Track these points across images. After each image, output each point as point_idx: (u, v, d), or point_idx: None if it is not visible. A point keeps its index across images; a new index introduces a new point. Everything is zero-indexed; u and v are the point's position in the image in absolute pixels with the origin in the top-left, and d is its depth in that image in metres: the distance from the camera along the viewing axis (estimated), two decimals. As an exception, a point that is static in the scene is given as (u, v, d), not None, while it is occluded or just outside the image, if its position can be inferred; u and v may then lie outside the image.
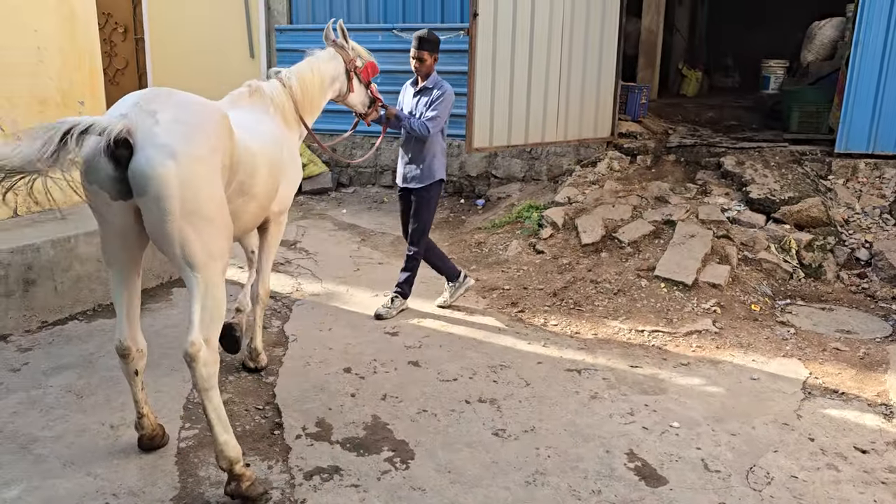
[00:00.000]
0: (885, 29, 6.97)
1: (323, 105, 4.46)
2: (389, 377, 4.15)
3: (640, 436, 3.60)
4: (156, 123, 2.80)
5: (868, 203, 6.76)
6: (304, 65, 4.27)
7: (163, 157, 2.75)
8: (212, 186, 2.93)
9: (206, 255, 2.94)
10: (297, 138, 4.18)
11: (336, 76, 4.47)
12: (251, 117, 3.67)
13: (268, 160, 3.57)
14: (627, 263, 5.77)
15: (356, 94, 4.62)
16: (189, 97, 3.05)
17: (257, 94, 3.91)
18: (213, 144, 2.96)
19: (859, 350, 4.71)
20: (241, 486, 2.99)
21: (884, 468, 3.39)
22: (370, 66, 4.67)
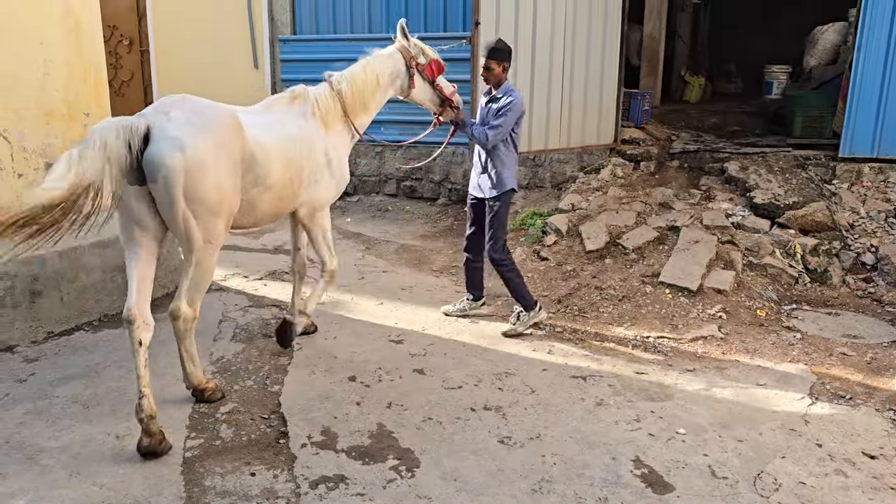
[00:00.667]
0: (887, 33, 6.97)
1: (381, 102, 4.62)
2: (394, 385, 4.14)
3: (646, 442, 3.59)
4: (168, 121, 3.33)
5: (873, 207, 6.74)
6: (358, 65, 4.52)
7: (172, 149, 3.26)
8: (215, 178, 3.41)
9: (204, 238, 3.48)
10: (342, 140, 4.42)
11: (396, 73, 4.60)
12: (276, 119, 4.07)
13: (284, 156, 3.94)
14: (632, 270, 5.76)
15: (418, 91, 4.69)
16: (200, 101, 3.57)
17: (299, 98, 4.27)
18: (219, 141, 3.44)
19: (866, 355, 4.69)
20: (204, 394, 3.88)
21: (893, 474, 3.37)
22: (434, 64, 4.68)
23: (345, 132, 4.45)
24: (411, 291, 5.79)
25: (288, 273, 6.15)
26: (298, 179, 4.11)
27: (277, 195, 3.98)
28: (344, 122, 4.41)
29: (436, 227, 7.74)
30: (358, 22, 9.08)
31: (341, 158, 4.42)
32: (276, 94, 4.36)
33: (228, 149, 3.51)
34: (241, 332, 4.86)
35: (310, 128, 4.23)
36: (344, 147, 4.46)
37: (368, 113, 4.57)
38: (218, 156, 3.44)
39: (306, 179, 4.18)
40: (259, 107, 4.20)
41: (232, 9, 9.71)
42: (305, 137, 4.17)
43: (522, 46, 7.22)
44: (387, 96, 4.67)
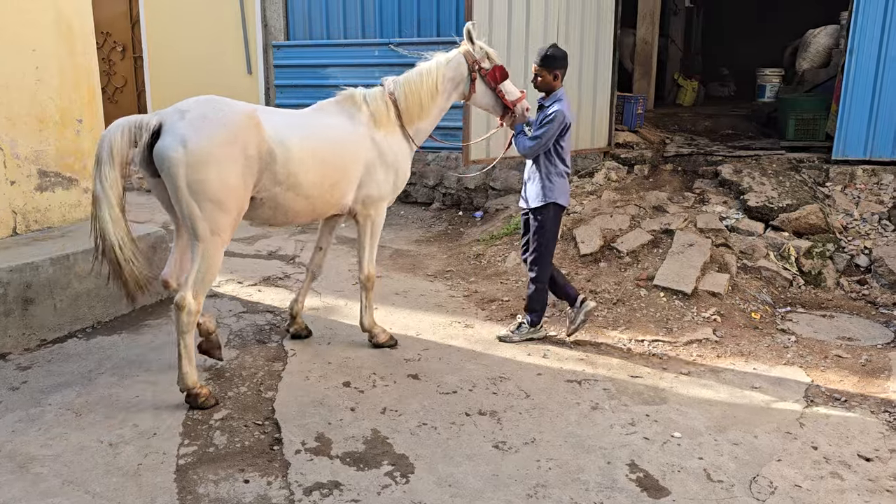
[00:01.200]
0: (878, 35, 7.00)
1: (443, 107, 4.58)
2: (389, 390, 4.13)
3: (641, 446, 3.58)
4: (181, 118, 3.59)
5: (866, 209, 6.76)
6: (417, 69, 4.52)
7: (176, 144, 3.52)
8: (219, 173, 3.59)
9: (209, 230, 3.66)
10: (399, 143, 4.45)
11: (458, 78, 4.53)
12: (317, 121, 4.20)
13: (314, 157, 4.02)
14: (626, 273, 5.76)
15: (479, 96, 4.60)
16: (219, 101, 3.77)
17: (347, 100, 4.36)
18: (227, 139, 3.61)
19: (861, 357, 4.69)
20: (198, 400, 3.84)
21: (888, 476, 3.37)
22: (498, 70, 4.54)
23: (395, 134, 4.45)
24: (405, 296, 5.78)
25: (282, 279, 6.14)
26: (336, 181, 4.18)
27: (304, 195, 4.05)
28: (395, 124, 4.42)
29: (430, 231, 7.74)
30: (351, 27, 9.09)
31: (398, 161, 4.44)
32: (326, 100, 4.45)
33: (239, 146, 3.66)
34: (234, 338, 4.84)
35: (358, 130, 4.29)
36: (402, 148, 4.46)
37: (429, 118, 4.54)
38: (224, 152, 3.60)
39: (352, 181, 4.28)
40: (308, 109, 4.36)
41: (225, 15, 9.72)
42: (350, 140, 4.24)
43: (515, 51, 7.22)
44: (450, 101, 4.62)
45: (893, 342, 4.99)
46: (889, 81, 7.04)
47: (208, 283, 3.79)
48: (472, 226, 7.77)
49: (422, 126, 4.56)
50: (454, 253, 6.91)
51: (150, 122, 3.58)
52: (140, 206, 8.92)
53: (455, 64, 4.51)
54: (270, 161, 3.83)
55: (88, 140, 5.64)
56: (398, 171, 4.47)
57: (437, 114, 4.59)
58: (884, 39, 7.00)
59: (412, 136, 4.51)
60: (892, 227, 6.51)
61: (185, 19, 10.01)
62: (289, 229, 7.82)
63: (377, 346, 4.71)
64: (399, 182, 4.52)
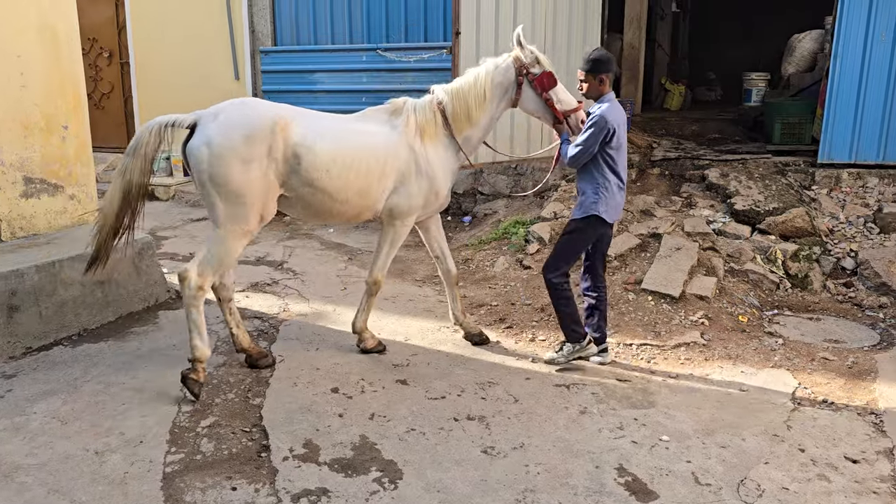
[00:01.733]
0: (863, 40, 7.07)
1: (494, 114, 4.48)
2: (377, 396, 4.12)
3: (629, 450, 3.59)
4: (213, 119, 3.94)
5: (852, 212, 6.81)
6: (466, 76, 4.46)
7: (201, 143, 3.89)
8: (239, 170, 3.86)
9: (226, 218, 3.94)
10: (442, 153, 4.41)
11: (507, 83, 4.42)
12: (358, 128, 4.29)
13: (343, 163, 4.11)
14: (614, 277, 5.78)
15: (525, 102, 4.45)
16: (252, 105, 4.10)
17: (392, 108, 4.41)
18: (249, 139, 3.88)
19: (847, 359, 4.72)
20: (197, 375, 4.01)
21: (875, 478, 3.39)
22: (546, 76, 4.35)
23: (449, 146, 4.43)
24: (394, 302, 5.77)
25: (270, 284, 6.12)
26: (364, 187, 4.22)
27: (331, 198, 4.16)
28: (444, 132, 4.39)
29: (418, 237, 7.69)
30: (339, 32, 9.09)
31: (435, 172, 4.38)
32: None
33: (262, 147, 3.91)
34: (222, 344, 4.81)
35: (398, 139, 4.30)
36: (441, 160, 4.41)
37: (477, 126, 4.45)
38: (245, 152, 3.87)
39: (385, 188, 4.30)
40: (355, 115, 4.44)
41: (212, 20, 9.70)
42: (384, 148, 4.26)
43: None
44: (501, 109, 4.51)
45: (879, 344, 5.03)
46: (873, 85, 7.10)
47: (217, 265, 3.99)
48: (460, 230, 7.77)
49: (470, 134, 4.46)
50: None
51: (185, 120, 4.00)
52: (127, 212, 8.88)
53: (504, 68, 4.40)
54: (296, 163, 4.01)
55: (74, 146, 5.61)
56: (432, 183, 4.39)
57: (486, 122, 4.49)
58: (867, 44, 7.06)
59: (461, 146, 4.45)
60: (877, 230, 6.56)
61: (171, 25, 9.98)
62: (276, 235, 7.79)
63: (364, 351, 4.68)
64: (432, 194, 4.43)
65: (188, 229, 8.13)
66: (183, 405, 3.95)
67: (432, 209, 4.61)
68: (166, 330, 5.05)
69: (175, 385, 4.14)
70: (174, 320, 5.22)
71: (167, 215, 8.74)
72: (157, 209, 9.06)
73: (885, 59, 7.04)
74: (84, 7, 10.81)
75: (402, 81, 8.35)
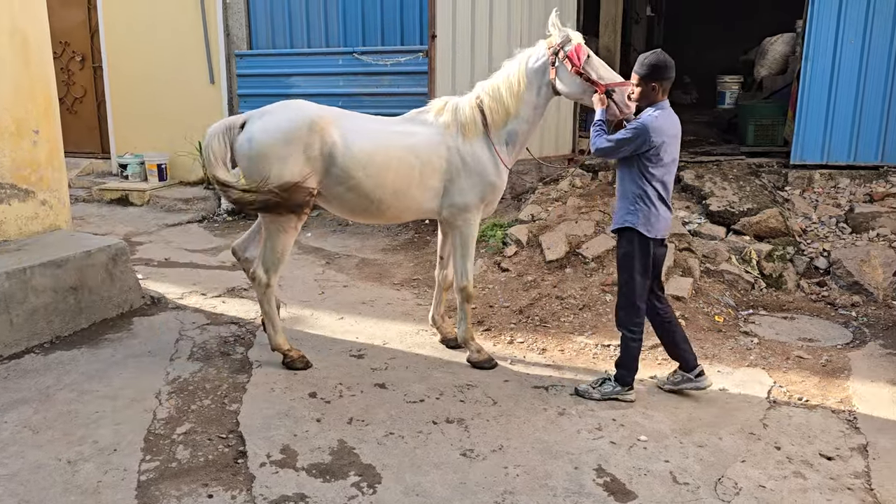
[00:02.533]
0: (833, 43, 7.18)
1: (532, 104, 4.32)
2: (355, 400, 4.09)
3: (608, 451, 3.60)
4: (259, 118, 4.20)
5: (824, 212, 6.90)
6: (503, 69, 4.41)
7: (244, 141, 4.17)
8: (278, 167, 4.08)
9: (269, 216, 4.23)
10: (478, 150, 4.35)
11: (543, 68, 4.29)
12: (400, 129, 4.37)
13: (379, 163, 4.20)
14: (592, 279, 5.80)
15: (563, 84, 4.22)
16: (296, 106, 4.26)
17: (435, 108, 4.44)
18: (287, 138, 4.09)
19: (821, 357, 4.78)
20: (287, 359, 4.48)
21: (849, 474, 3.43)
22: (577, 49, 4.16)
23: (480, 140, 4.37)
24: (372, 305, 5.75)
25: (247, 290, 6.07)
26: (401, 188, 4.27)
27: (366, 197, 4.26)
28: (482, 130, 4.37)
29: (396, 240, 7.72)
30: (315, 36, 9.05)
31: (484, 167, 4.36)
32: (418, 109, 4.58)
33: (299, 146, 4.10)
34: (198, 350, 4.76)
35: (439, 139, 4.33)
36: (488, 155, 4.36)
37: (519, 118, 4.34)
38: (283, 150, 4.09)
39: (427, 189, 4.34)
40: (399, 118, 4.53)
41: (187, 24, 9.61)
42: (429, 148, 4.30)
43: (479, 59, 7.26)
44: (543, 97, 4.35)
45: (852, 342, 5.10)
46: (843, 87, 7.21)
47: (271, 260, 4.33)
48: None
49: (515, 128, 4.37)
50: (421, 261, 6.90)
51: (236, 121, 4.25)
52: (101, 217, 8.78)
53: (537, 55, 4.31)
54: (331, 163, 4.16)
55: (45, 151, 5.53)
56: (483, 178, 4.37)
57: (530, 112, 4.35)
58: (838, 46, 7.17)
59: (506, 140, 4.40)
60: (849, 230, 6.65)
61: (145, 29, 9.87)
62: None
63: (475, 365, 4.54)
64: (487, 188, 4.40)
65: (163, 234, 8.04)
66: (158, 412, 3.90)
67: (492, 204, 4.62)
68: (141, 336, 4.98)
69: (151, 391, 4.09)
70: (149, 327, 5.15)
71: (142, 220, 8.64)
72: (132, 214, 8.96)
73: (854, 61, 7.16)
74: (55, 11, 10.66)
75: (378, 85, 8.33)
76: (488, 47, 7.32)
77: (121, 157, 10.16)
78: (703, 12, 15.27)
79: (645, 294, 4.07)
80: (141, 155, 9.99)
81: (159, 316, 5.39)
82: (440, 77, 6.95)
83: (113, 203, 9.52)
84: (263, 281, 4.36)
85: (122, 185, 9.68)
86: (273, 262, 4.34)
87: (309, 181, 4.17)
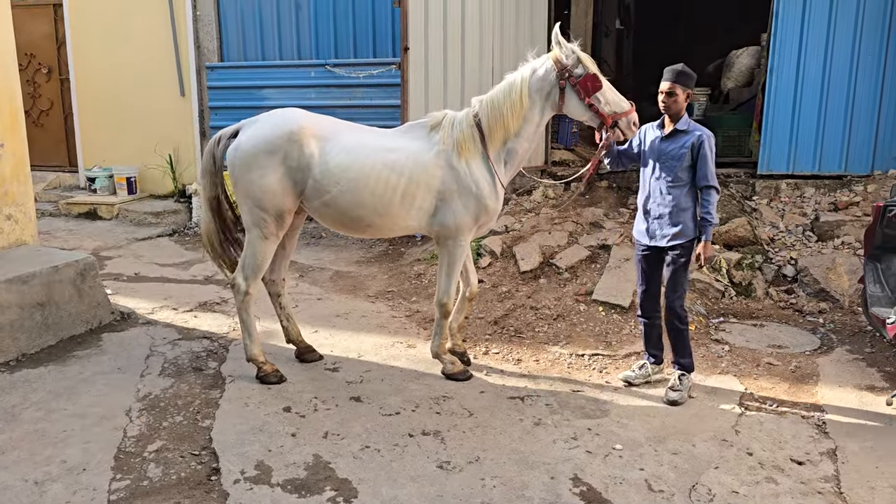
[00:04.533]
0: (796, 56, 7.35)
1: (534, 122, 4.20)
2: (331, 414, 4.06)
3: (584, 460, 3.61)
4: (248, 127, 4.26)
5: (791, 221, 7.04)
6: (504, 81, 4.22)
7: (232, 148, 4.25)
8: (259, 176, 4.12)
9: (251, 222, 4.25)
10: (475, 169, 4.18)
11: (547, 87, 4.13)
12: (387, 143, 4.24)
13: (355, 178, 4.13)
14: (566, 289, 5.84)
15: (569, 107, 4.16)
16: (282, 115, 4.25)
17: (432, 122, 4.31)
18: (269, 148, 4.12)
19: (791, 364, 4.85)
20: (261, 373, 4.43)
21: (819, 478, 3.48)
22: (589, 79, 4.03)
23: (477, 157, 4.19)
24: (346, 318, 5.72)
25: (219, 304, 6.00)
26: (387, 205, 4.16)
27: (345, 213, 4.21)
28: (480, 147, 4.19)
29: (370, 252, 7.70)
30: (287, 48, 9.03)
31: (481, 187, 4.17)
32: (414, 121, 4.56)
33: (279, 156, 4.12)
34: (169, 366, 4.69)
35: (433, 157, 4.17)
36: (485, 175, 4.19)
37: (520, 137, 4.20)
38: (264, 160, 4.12)
39: (414, 207, 4.19)
40: (395, 129, 4.47)
41: (157, 36, 9.53)
42: (415, 166, 4.15)
43: (452, 72, 7.30)
44: (545, 115, 4.24)
45: (820, 348, 5.19)
46: (807, 99, 7.39)
47: (251, 268, 4.32)
48: (412, 245, 7.75)
49: (514, 146, 4.22)
50: (395, 273, 6.89)
51: (227, 131, 4.34)
52: (69, 231, 8.63)
53: (543, 72, 4.13)
54: (309, 175, 4.15)
55: (10, 164, 5.43)
56: (479, 199, 4.19)
57: (532, 131, 4.23)
58: (801, 59, 7.34)
59: (504, 159, 4.24)
60: (815, 238, 6.79)
61: (114, 40, 9.76)
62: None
63: (449, 377, 4.51)
64: (481, 210, 4.23)
65: (133, 248, 7.93)
66: (128, 430, 3.83)
67: (486, 226, 4.46)
68: (110, 352, 4.90)
69: (121, 409, 4.02)
70: (119, 342, 5.07)
71: (111, 235, 8.51)
72: (101, 228, 8.82)
73: (817, 73, 7.34)
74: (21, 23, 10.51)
75: (351, 97, 8.33)
76: (461, 59, 7.36)
77: (89, 170, 10.02)
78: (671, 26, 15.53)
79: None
80: (110, 168, 9.86)
81: (129, 331, 5.30)
82: (413, 89, 6.97)
83: (81, 217, 9.37)
84: (242, 288, 4.33)
85: (91, 199, 9.54)
86: (253, 270, 4.32)
87: (287, 191, 4.18)
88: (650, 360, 4.54)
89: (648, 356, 4.55)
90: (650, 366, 4.53)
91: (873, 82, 7.30)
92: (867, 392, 4.43)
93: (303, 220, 4.62)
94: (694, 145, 4.12)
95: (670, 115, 4.21)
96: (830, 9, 7.23)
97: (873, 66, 7.28)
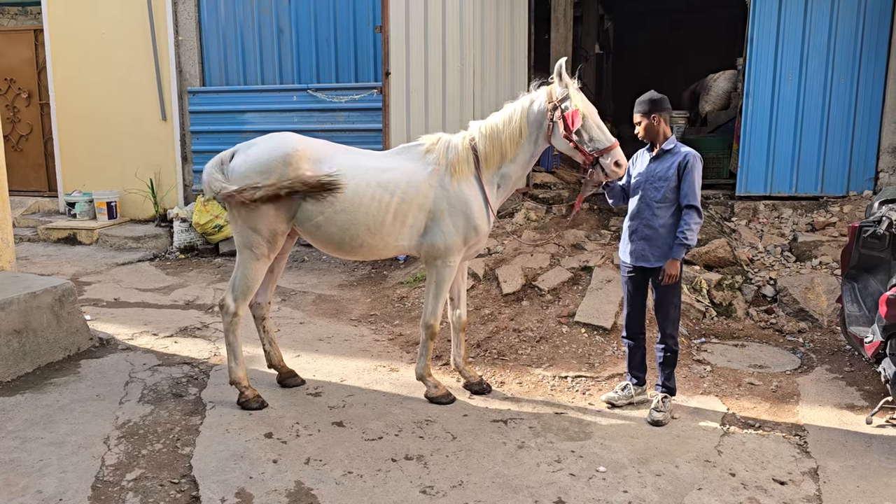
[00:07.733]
0: (771, 79, 7.49)
1: (529, 152, 4.30)
2: (313, 440, 4.03)
3: (567, 483, 3.60)
4: (244, 150, 4.29)
5: (770, 242, 7.12)
6: (502, 111, 4.34)
7: (229, 170, 4.26)
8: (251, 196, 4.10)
9: (241, 243, 4.29)
10: (466, 192, 4.25)
11: (542, 119, 4.23)
12: (380, 165, 4.30)
13: (349, 197, 4.17)
14: (548, 311, 5.85)
15: (555, 139, 4.24)
16: (277, 139, 4.29)
17: (427, 144, 4.36)
18: (262, 170, 4.16)
19: (772, 383, 4.88)
20: (242, 398, 4.41)
21: (802, 498, 3.49)
22: (571, 115, 4.11)
23: (472, 182, 4.28)
24: (329, 342, 5.69)
25: (200, 329, 5.96)
26: (380, 224, 4.21)
27: (338, 233, 4.24)
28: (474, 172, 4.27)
29: (353, 276, 7.68)
30: (269, 72, 9.07)
31: (471, 209, 4.25)
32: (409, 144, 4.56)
33: (273, 178, 4.13)
34: (149, 392, 4.63)
35: (426, 177, 4.25)
36: (476, 197, 4.27)
37: (515, 163, 4.32)
38: (259, 180, 4.12)
39: (409, 225, 4.26)
40: (389, 151, 4.56)
41: (138, 61, 9.54)
42: (409, 186, 4.22)
43: (433, 98, 7.35)
44: (540, 146, 4.32)
45: (800, 368, 5.23)
46: (783, 121, 7.52)
47: (240, 288, 4.34)
48: (395, 268, 7.75)
49: (508, 171, 4.35)
50: (378, 296, 6.87)
51: (226, 155, 4.33)
52: (49, 257, 8.54)
53: (538, 104, 4.24)
54: (302, 196, 4.17)
55: (-11, 190, 5.39)
56: (468, 220, 4.26)
57: (526, 158, 4.35)
58: (776, 83, 7.48)
59: (498, 183, 4.34)
60: (793, 259, 6.87)
61: (95, 65, 9.75)
62: (206, 278, 7.62)
63: (432, 399, 4.51)
64: (471, 231, 4.28)
65: (112, 274, 7.86)
66: (107, 458, 3.77)
67: (476, 248, 4.49)
68: (89, 380, 4.83)
69: (99, 437, 3.96)
70: (98, 369, 5.01)
71: (90, 260, 8.44)
72: (80, 253, 8.74)
73: (792, 96, 7.48)
74: (2, 47, 10.51)
75: (333, 121, 8.37)
76: (442, 84, 7.42)
77: (69, 195, 9.94)
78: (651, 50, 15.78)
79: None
80: (90, 193, 9.79)
81: (108, 358, 5.24)
82: (394, 113, 7.02)
83: (60, 242, 9.28)
84: (231, 309, 4.34)
85: (70, 224, 9.46)
86: (243, 291, 4.34)
87: (280, 214, 4.20)
88: (633, 381, 4.56)
89: (631, 377, 4.57)
90: (633, 387, 4.55)
91: (846, 105, 7.46)
92: (847, 411, 4.47)
93: (292, 245, 4.65)
94: (681, 165, 4.22)
95: (650, 141, 4.35)
96: (803, 34, 7.40)
97: (846, 90, 7.43)
